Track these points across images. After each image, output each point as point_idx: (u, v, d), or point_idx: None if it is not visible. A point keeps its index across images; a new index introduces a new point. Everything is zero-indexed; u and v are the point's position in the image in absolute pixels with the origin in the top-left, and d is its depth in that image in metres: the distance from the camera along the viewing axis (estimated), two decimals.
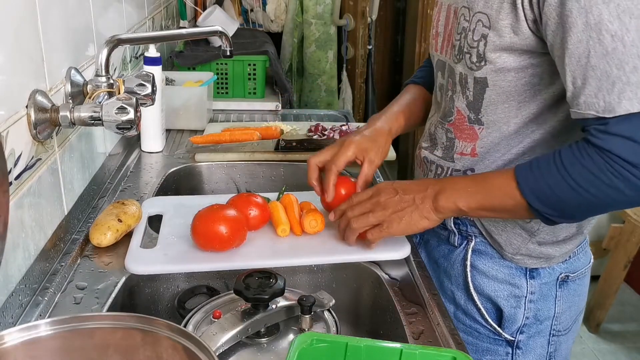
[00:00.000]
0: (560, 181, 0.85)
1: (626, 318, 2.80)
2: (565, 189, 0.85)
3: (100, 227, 1.08)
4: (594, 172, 0.83)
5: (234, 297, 0.91)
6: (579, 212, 0.89)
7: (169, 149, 1.62)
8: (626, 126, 0.80)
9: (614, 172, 0.81)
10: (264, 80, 2.14)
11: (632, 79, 0.79)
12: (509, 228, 1.02)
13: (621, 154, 0.80)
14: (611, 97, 0.80)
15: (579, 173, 0.84)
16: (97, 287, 0.98)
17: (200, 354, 0.64)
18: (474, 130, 1.02)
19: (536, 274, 1.04)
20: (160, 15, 2.15)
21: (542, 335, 1.08)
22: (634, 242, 2.55)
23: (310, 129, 1.70)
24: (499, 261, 1.05)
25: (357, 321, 1.09)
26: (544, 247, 1.02)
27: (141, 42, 1.56)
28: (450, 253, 1.11)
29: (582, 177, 0.84)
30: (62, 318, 0.69)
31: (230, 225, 1.01)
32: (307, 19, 3.01)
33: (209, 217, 1.02)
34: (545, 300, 1.06)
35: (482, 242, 1.06)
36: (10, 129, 0.86)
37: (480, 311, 1.07)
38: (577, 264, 1.08)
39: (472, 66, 0.97)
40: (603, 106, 0.81)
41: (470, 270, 1.07)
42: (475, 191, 0.94)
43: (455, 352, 0.73)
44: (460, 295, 1.10)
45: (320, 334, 0.78)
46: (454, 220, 1.08)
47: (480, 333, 1.09)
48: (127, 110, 0.96)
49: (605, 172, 0.82)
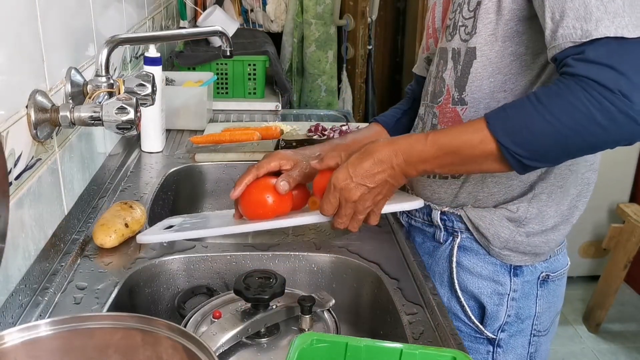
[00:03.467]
0: (533, 114, 0.82)
1: (626, 318, 2.80)
2: (539, 121, 0.81)
3: (107, 228, 1.08)
4: (570, 100, 0.79)
5: (234, 297, 0.91)
6: (554, 149, 0.84)
7: (169, 149, 1.62)
8: (603, 52, 0.78)
9: (590, 98, 0.78)
10: (264, 80, 2.14)
11: (610, 7, 0.78)
12: (496, 221, 1.02)
13: (598, 79, 0.78)
14: (589, 25, 0.79)
15: (555, 103, 0.81)
16: (97, 287, 0.98)
17: (200, 354, 0.64)
18: (456, 113, 1.02)
19: (519, 272, 1.05)
20: (160, 15, 2.15)
21: (523, 335, 1.09)
22: (634, 242, 2.55)
23: (310, 129, 1.70)
24: (484, 258, 1.06)
25: (357, 321, 1.09)
26: (531, 238, 1.02)
27: (141, 42, 1.56)
28: (435, 250, 1.11)
29: (557, 107, 0.80)
30: (62, 318, 0.69)
31: (275, 195, 1.03)
32: (307, 19, 3.01)
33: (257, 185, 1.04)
34: (526, 298, 1.07)
35: (469, 238, 1.06)
36: (10, 129, 0.86)
37: (463, 308, 1.08)
38: (557, 264, 1.09)
39: (466, 37, 0.97)
40: (580, 34, 0.80)
41: (455, 267, 1.07)
42: (444, 154, 0.90)
43: (455, 352, 0.73)
44: (443, 292, 1.10)
45: (320, 334, 0.78)
46: (440, 217, 1.08)
47: (461, 331, 1.09)
48: (127, 110, 0.96)
49: (581, 99, 0.78)
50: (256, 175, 1.06)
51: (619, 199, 2.82)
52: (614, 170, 2.73)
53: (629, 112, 0.76)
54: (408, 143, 0.93)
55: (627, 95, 0.76)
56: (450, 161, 0.90)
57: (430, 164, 0.91)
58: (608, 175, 2.49)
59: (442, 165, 0.91)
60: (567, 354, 2.55)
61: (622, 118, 0.77)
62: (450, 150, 0.89)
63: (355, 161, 0.95)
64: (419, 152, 0.91)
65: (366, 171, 0.93)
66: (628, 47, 0.77)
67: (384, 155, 0.93)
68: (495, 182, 1.02)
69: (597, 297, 2.68)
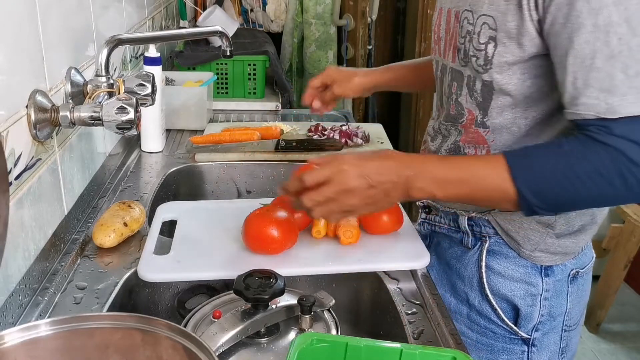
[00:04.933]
0: (557, 172, 0.85)
1: (626, 318, 2.80)
2: (563, 181, 0.85)
3: (106, 228, 1.08)
4: (597, 166, 0.82)
5: (234, 297, 0.91)
6: (567, 205, 0.90)
7: (169, 149, 1.62)
8: (629, 128, 0.81)
9: (616, 169, 0.81)
10: (264, 80, 2.14)
11: (635, 83, 0.79)
12: (525, 225, 1.02)
13: (626, 153, 0.80)
14: (613, 99, 0.80)
15: (582, 167, 0.84)
16: (97, 287, 0.98)
17: (200, 354, 0.64)
18: (479, 134, 1.01)
19: (550, 272, 1.05)
20: (160, 15, 2.15)
21: (555, 332, 1.09)
22: (634, 242, 2.55)
23: (310, 129, 1.70)
24: (515, 260, 1.05)
25: (357, 321, 1.09)
26: (561, 239, 1.02)
27: (141, 42, 1.56)
28: (463, 255, 1.10)
29: (583, 171, 0.83)
30: (62, 318, 0.69)
31: (283, 228, 1.01)
32: (307, 19, 3.01)
33: (261, 220, 1.01)
34: (558, 296, 1.07)
35: (498, 242, 1.05)
36: (10, 129, 0.86)
37: (496, 311, 1.07)
38: (584, 259, 1.09)
39: (479, 69, 0.97)
40: (605, 108, 0.81)
41: (485, 271, 1.07)
42: (457, 181, 0.90)
43: (455, 352, 0.73)
44: (474, 296, 1.09)
45: (320, 334, 0.78)
46: (468, 222, 1.07)
47: (495, 333, 1.09)
48: (127, 110, 0.96)
49: (608, 168, 0.82)
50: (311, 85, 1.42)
51: None
52: None
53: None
54: (422, 160, 0.94)
55: None
56: (458, 189, 0.90)
57: (438, 186, 0.90)
58: None
59: (448, 190, 0.90)
60: None
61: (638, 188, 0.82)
62: (464, 179, 0.90)
63: (367, 156, 0.93)
64: (430, 170, 0.91)
65: (373, 168, 0.90)
66: None
67: (395, 164, 0.91)
68: None
69: (597, 297, 2.68)
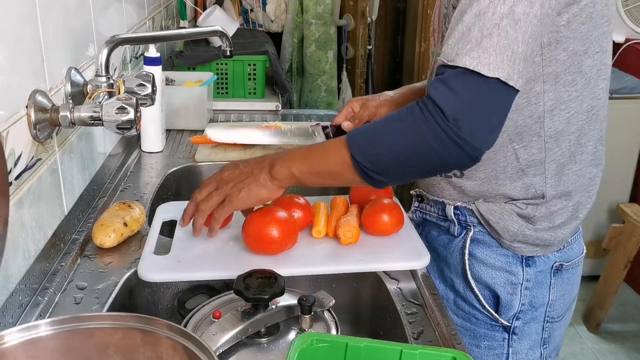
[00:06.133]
0: (381, 130, 0.89)
1: (626, 318, 2.80)
2: (382, 134, 0.88)
3: (105, 228, 1.08)
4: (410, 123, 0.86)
5: (234, 297, 0.91)
6: (392, 165, 0.90)
7: (169, 149, 1.62)
8: (456, 80, 0.83)
9: (425, 121, 0.84)
10: (264, 80, 2.14)
11: (484, 43, 0.82)
12: (505, 216, 1.04)
13: (436, 99, 0.83)
14: (462, 50, 0.84)
15: (397, 127, 0.88)
16: (97, 287, 0.98)
17: (200, 354, 0.64)
18: None
19: (532, 262, 1.07)
20: (160, 15, 2.15)
21: (536, 322, 1.11)
22: (634, 242, 2.55)
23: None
24: (497, 249, 1.08)
25: (357, 321, 1.09)
26: (540, 232, 1.04)
27: (141, 42, 1.56)
28: (449, 242, 1.13)
29: (397, 123, 0.88)
30: (62, 318, 0.69)
31: (283, 228, 1.01)
32: (307, 19, 3.01)
33: (261, 220, 1.01)
34: (540, 287, 1.08)
35: (481, 231, 1.08)
36: (10, 129, 0.86)
37: (478, 298, 1.10)
38: (571, 254, 1.10)
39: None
40: (452, 56, 0.85)
41: (468, 258, 1.10)
42: (305, 157, 0.97)
43: (455, 352, 0.73)
44: (459, 282, 1.12)
45: (320, 334, 0.78)
46: (454, 211, 1.10)
47: (478, 319, 1.12)
48: (127, 110, 0.96)
49: (415, 116, 0.85)
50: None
51: (619, 199, 2.82)
52: (614, 170, 2.73)
53: (457, 141, 0.82)
54: (289, 150, 1.02)
55: (460, 125, 0.82)
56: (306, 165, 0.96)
57: (291, 163, 0.97)
58: (608, 175, 2.46)
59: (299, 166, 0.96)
60: (567, 354, 2.55)
61: (451, 145, 0.83)
62: (311, 154, 0.97)
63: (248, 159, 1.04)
64: (290, 152, 1.00)
65: (244, 160, 1.02)
66: (480, 84, 0.83)
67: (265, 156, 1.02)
68: (499, 184, 1.03)
69: (597, 297, 2.68)
